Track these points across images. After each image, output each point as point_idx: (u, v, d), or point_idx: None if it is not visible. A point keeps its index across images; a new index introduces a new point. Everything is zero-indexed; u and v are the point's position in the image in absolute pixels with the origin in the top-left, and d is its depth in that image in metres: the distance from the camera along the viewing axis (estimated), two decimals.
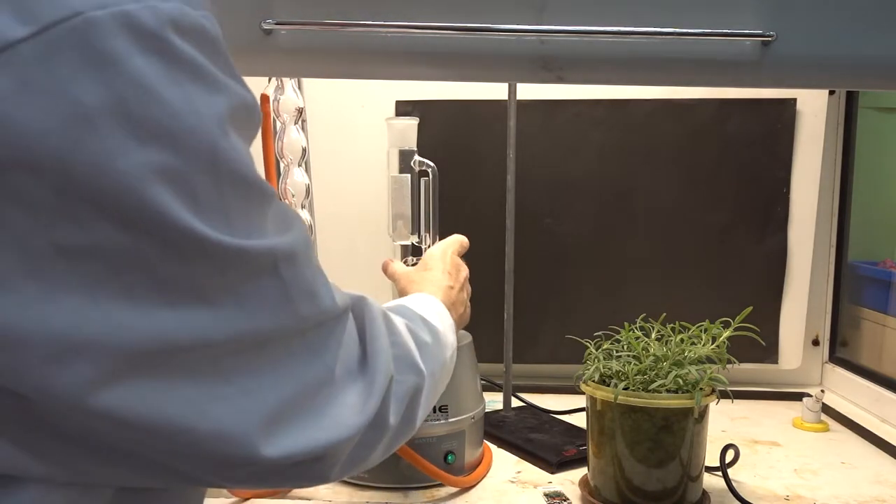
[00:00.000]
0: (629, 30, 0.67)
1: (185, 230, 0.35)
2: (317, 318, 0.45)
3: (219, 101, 0.37)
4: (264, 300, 0.41)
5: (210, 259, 0.37)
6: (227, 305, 0.38)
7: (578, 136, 1.29)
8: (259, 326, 0.40)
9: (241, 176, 0.38)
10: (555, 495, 0.90)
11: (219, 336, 0.38)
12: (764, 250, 1.30)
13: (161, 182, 0.34)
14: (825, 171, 1.30)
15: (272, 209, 0.43)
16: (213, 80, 0.37)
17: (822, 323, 1.35)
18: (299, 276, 0.43)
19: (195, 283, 0.37)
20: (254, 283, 0.40)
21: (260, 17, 0.67)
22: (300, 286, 0.43)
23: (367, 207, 1.27)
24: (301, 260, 0.43)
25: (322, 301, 0.46)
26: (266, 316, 0.41)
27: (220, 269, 0.38)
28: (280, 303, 0.42)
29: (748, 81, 0.74)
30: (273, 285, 0.41)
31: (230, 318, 0.39)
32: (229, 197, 0.38)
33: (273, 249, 0.41)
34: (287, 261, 0.42)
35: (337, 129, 1.28)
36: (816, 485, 0.95)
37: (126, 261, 0.35)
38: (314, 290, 0.45)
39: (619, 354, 0.87)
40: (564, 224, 1.30)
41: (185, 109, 0.35)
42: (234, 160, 0.38)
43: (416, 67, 0.73)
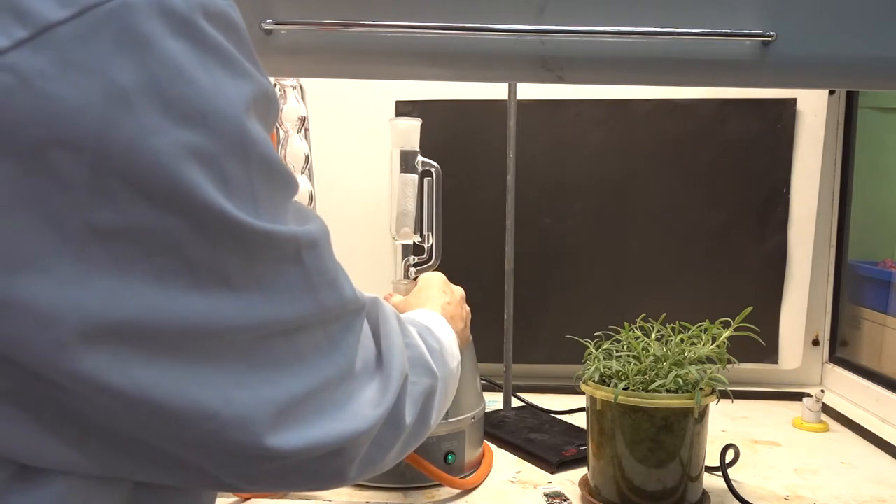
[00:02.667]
0: (629, 30, 0.67)
1: (216, 211, 0.36)
2: (339, 309, 0.45)
3: (244, 87, 0.38)
4: (288, 287, 0.41)
5: (238, 242, 0.37)
6: (253, 291, 0.39)
7: (578, 136, 1.29)
8: (283, 314, 0.41)
9: (268, 161, 0.39)
10: (555, 495, 0.90)
11: (244, 322, 0.39)
12: (764, 250, 1.30)
13: (193, 162, 0.35)
14: (825, 171, 1.30)
15: (294, 196, 0.44)
16: (239, 66, 0.38)
17: (822, 323, 1.35)
18: (321, 266, 0.44)
19: (223, 267, 0.37)
20: (278, 269, 0.40)
21: (260, 17, 0.67)
22: (322, 275, 0.43)
23: (367, 208, 1.28)
24: (323, 250, 0.44)
25: (344, 292, 0.46)
26: (289, 303, 0.41)
27: (247, 253, 0.38)
28: (303, 290, 0.42)
29: (748, 81, 0.74)
30: (296, 272, 0.41)
31: (255, 305, 0.39)
32: (257, 181, 0.38)
33: (297, 236, 0.41)
34: (310, 248, 0.42)
35: (337, 129, 1.28)
36: (816, 485, 0.95)
37: (158, 242, 0.35)
38: (336, 280, 0.45)
39: (619, 354, 0.87)
40: (564, 224, 1.30)
41: (215, 92, 0.36)
42: (262, 145, 0.38)
43: (416, 67, 0.73)
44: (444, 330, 0.68)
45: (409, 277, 1.00)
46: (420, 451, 0.87)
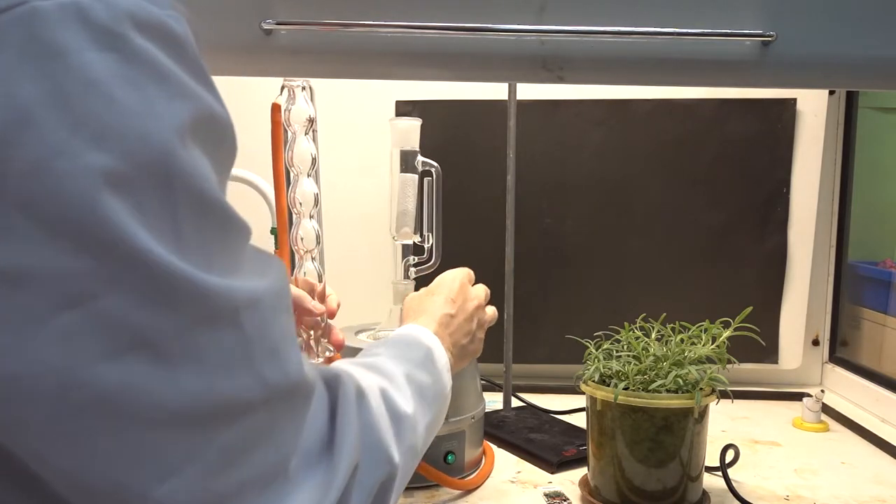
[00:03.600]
0: (629, 30, 0.67)
1: (137, 251, 0.31)
2: (284, 389, 0.39)
3: (181, 107, 0.33)
4: (222, 357, 0.34)
5: (164, 294, 0.32)
6: (180, 361, 0.33)
7: (578, 136, 1.29)
8: (216, 390, 0.34)
9: (199, 194, 0.34)
10: (555, 495, 0.90)
11: (170, 399, 0.32)
12: (764, 250, 1.30)
13: (109, 190, 0.30)
14: (825, 171, 1.30)
15: (241, 246, 0.38)
16: (178, 84, 0.33)
17: (822, 323, 1.35)
18: (264, 332, 0.37)
19: (140, 323, 0.31)
20: (209, 331, 0.34)
21: (260, 17, 0.67)
22: (263, 342, 0.37)
23: (367, 208, 1.28)
24: (269, 312, 0.38)
25: (290, 367, 0.39)
26: (224, 378, 0.34)
27: (175, 310, 0.32)
28: (240, 362, 0.35)
29: (748, 81, 0.74)
30: (232, 338, 0.35)
31: (183, 378, 0.33)
32: (183, 217, 0.33)
33: (233, 291, 0.35)
34: (251, 310, 0.36)
35: (337, 129, 1.28)
36: (816, 485, 0.95)
37: (65, 291, 0.30)
38: (281, 351, 0.38)
39: (619, 354, 0.87)
40: (564, 224, 1.30)
41: (139, 111, 0.31)
42: (193, 175, 0.33)
43: (416, 67, 0.73)
44: (430, 363, 0.61)
45: (409, 277, 1.00)
46: None
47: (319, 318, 0.72)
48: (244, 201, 1.17)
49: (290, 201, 0.72)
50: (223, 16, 0.68)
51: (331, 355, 0.73)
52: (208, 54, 0.71)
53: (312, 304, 0.71)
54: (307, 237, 0.72)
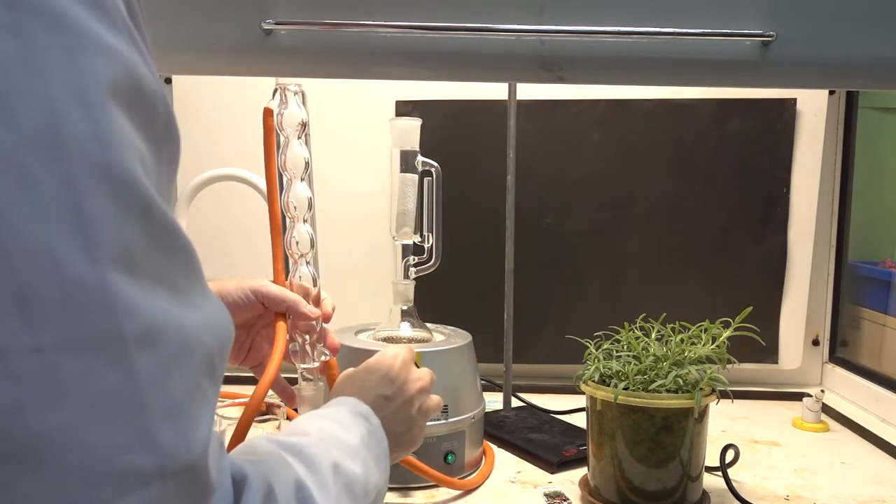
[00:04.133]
0: (629, 30, 0.67)
1: (9, 226, 0.26)
2: (182, 464, 0.30)
3: (84, 62, 0.28)
4: (96, 392, 0.27)
5: (23, 279, 0.26)
6: (36, 380, 0.26)
7: (578, 136, 1.29)
8: (82, 436, 0.27)
9: (107, 167, 0.28)
10: (555, 495, 0.90)
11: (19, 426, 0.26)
12: (764, 250, 1.30)
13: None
14: (825, 171, 1.30)
15: (173, 254, 0.31)
16: (84, 37, 0.28)
17: (822, 323, 1.35)
18: (167, 381, 0.29)
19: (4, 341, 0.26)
20: (84, 356, 0.27)
21: (260, 17, 0.67)
22: (164, 397, 0.29)
23: (367, 208, 1.28)
24: (180, 356, 0.30)
25: (194, 440, 0.31)
26: (97, 421, 0.27)
27: (42, 305, 0.26)
28: (124, 409, 0.28)
29: (748, 81, 0.74)
30: (117, 374, 0.28)
31: (37, 408, 0.26)
32: (82, 194, 0.27)
33: (138, 305, 0.28)
34: (154, 343, 0.29)
35: (337, 129, 1.28)
36: (816, 485, 0.95)
37: None
38: (185, 417, 0.30)
39: (619, 354, 0.87)
40: (564, 224, 1.30)
41: (20, 63, 0.26)
42: (97, 143, 0.27)
43: (416, 67, 0.73)
44: (365, 453, 0.54)
45: (409, 277, 1.00)
46: (420, 451, 0.88)
47: (314, 323, 0.72)
48: (244, 201, 1.17)
49: (284, 205, 0.72)
50: (223, 16, 0.68)
51: (326, 359, 0.73)
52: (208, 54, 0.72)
53: (308, 308, 0.70)
54: (301, 241, 0.72)
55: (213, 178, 1.11)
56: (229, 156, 1.15)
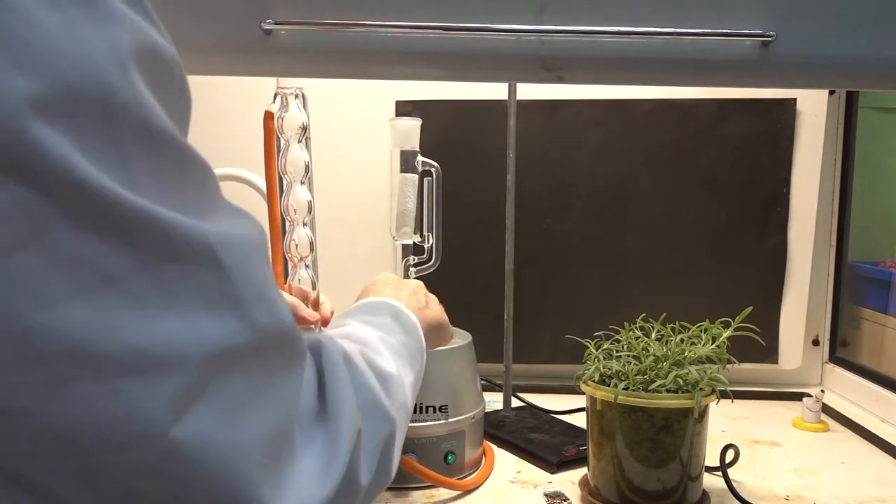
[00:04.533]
0: (629, 30, 0.67)
1: (74, 175, 0.28)
2: (279, 335, 0.37)
3: (116, 34, 0.30)
4: (204, 298, 0.32)
5: (113, 222, 0.29)
6: (154, 300, 0.30)
7: (578, 136, 1.29)
8: (198, 330, 0.32)
9: (146, 127, 0.31)
10: (555, 495, 0.90)
11: (147, 340, 0.30)
12: (764, 250, 1.30)
13: (37, 117, 0.27)
14: (825, 171, 1.30)
15: (205, 189, 0.35)
16: (110, 9, 0.30)
17: (822, 323, 1.35)
18: (248, 273, 0.34)
19: (100, 260, 0.29)
20: (182, 267, 0.31)
21: (260, 17, 0.67)
22: (250, 285, 0.34)
23: (367, 208, 1.28)
24: (249, 253, 0.35)
25: (281, 313, 0.37)
26: (210, 320, 0.32)
27: (130, 239, 0.30)
28: (226, 304, 0.33)
29: (748, 81, 0.74)
30: (213, 279, 0.33)
31: (160, 319, 0.30)
32: (131, 151, 0.30)
33: (202, 229, 0.32)
34: (227, 246, 0.33)
35: (337, 128, 1.28)
36: (816, 485, 0.95)
37: (4, 227, 0.27)
38: (269, 297, 0.36)
39: (619, 354, 0.87)
40: (564, 224, 1.30)
41: (64, 34, 0.28)
42: (136, 106, 0.30)
43: (416, 67, 0.73)
44: (404, 322, 0.61)
45: (409, 277, 1.00)
46: (420, 451, 0.88)
47: (313, 326, 0.72)
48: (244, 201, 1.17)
49: (284, 209, 0.72)
50: (223, 16, 0.68)
51: None
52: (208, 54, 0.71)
53: (306, 311, 0.70)
54: (301, 244, 0.72)
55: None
56: (229, 156, 1.15)
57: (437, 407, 0.90)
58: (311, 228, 0.73)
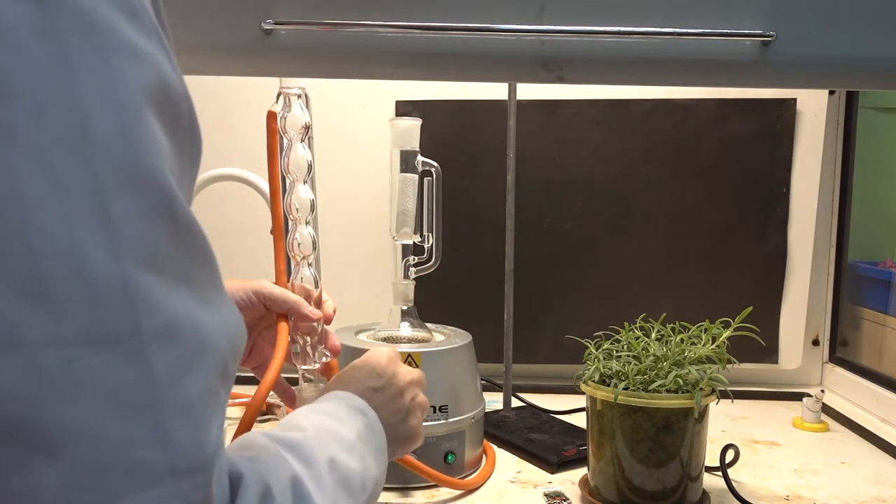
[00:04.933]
0: (629, 30, 0.67)
1: (20, 212, 0.26)
2: (195, 463, 0.31)
3: (116, 66, 0.29)
4: (113, 390, 0.28)
5: (47, 273, 0.27)
6: (57, 371, 0.27)
7: (578, 136, 1.29)
8: (98, 428, 0.28)
9: (135, 169, 0.29)
10: (555, 495, 0.90)
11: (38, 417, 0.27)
12: (764, 250, 1.30)
13: (11, 147, 0.26)
14: (825, 171, 1.30)
15: (197, 257, 0.32)
16: (111, 38, 0.29)
17: (822, 323, 1.35)
18: (182, 379, 0.30)
19: (11, 317, 0.27)
20: (102, 351, 0.28)
21: (260, 17, 0.67)
22: (178, 394, 0.30)
23: (367, 208, 1.28)
24: (194, 357, 0.31)
25: (206, 439, 0.31)
26: (113, 415, 0.28)
27: (59, 292, 0.27)
28: (138, 404, 0.29)
29: (748, 81, 0.74)
30: (134, 368, 0.28)
31: (56, 401, 0.27)
32: (110, 194, 0.28)
33: (157, 302, 0.29)
34: (170, 340, 0.29)
35: (337, 128, 1.28)
36: (816, 485, 0.95)
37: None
38: (198, 416, 0.31)
39: (619, 354, 0.87)
40: (564, 224, 1.30)
41: (53, 65, 0.27)
42: (127, 145, 0.28)
43: (416, 67, 0.73)
44: (369, 441, 0.54)
45: (409, 277, 1.00)
46: (420, 451, 0.87)
47: (316, 324, 0.72)
48: (245, 201, 1.17)
49: (287, 208, 0.73)
50: (223, 16, 0.68)
51: (327, 361, 0.73)
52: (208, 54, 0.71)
53: (309, 309, 0.70)
54: (304, 243, 0.72)
55: (213, 177, 1.11)
56: (230, 156, 1.15)
57: (437, 407, 0.90)
58: (313, 227, 0.74)
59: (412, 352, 0.91)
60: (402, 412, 0.61)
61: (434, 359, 0.91)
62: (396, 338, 0.97)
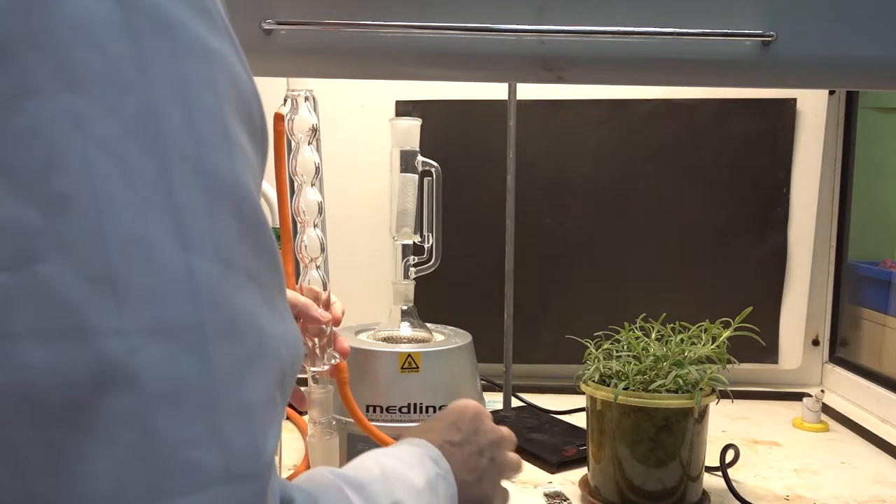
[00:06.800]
0: (629, 30, 0.67)
1: (94, 204, 0.27)
2: (250, 470, 0.29)
3: (189, 64, 0.29)
4: (171, 378, 0.27)
5: (111, 259, 0.27)
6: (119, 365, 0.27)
7: (578, 136, 1.29)
8: (152, 426, 0.27)
9: (203, 167, 0.29)
10: (555, 495, 0.90)
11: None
12: (764, 250, 1.30)
13: (79, 136, 0.27)
14: (825, 171, 1.30)
15: (268, 260, 0.32)
16: (186, 37, 0.30)
17: (822, 323, 1.35)
18: (243, 380, 0.29)
19: (74, 303, 0.27)
20: (162, 340, 0.27)
21: (260, 17, 0.67)
22: (237, 396, 0.29)
23: (367, 208, 1.27)
24: (256, 360, 0.30)
25: (263, 448, 0.30)
26: (167, 412, 0.27)
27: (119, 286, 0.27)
28: (198, 398, 0.28)
29: (748, 81, 0.74)
30: (194, 364, 0.28)
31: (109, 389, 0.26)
32: (181, 187, 0.28)
33: (220, 301, 0.29)
34: (230, 336, 0.29)
35: (337, 128, 1.28)
36: (816, 485, 0.95)
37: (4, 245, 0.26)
38: (257, 421, 0.30)
39: (619, 354, 0.87)
40: (564, 224, 1.30)
41: (130, 61, 0.28)
42: (194, 142, 0.29)
43: (416, 67, 0.73)
44: (431, 496, 0.50)
45: (409, 277, 1.00)
46: None
47: (324, 326, 0.72)
48: None
49: (294, 210, 0.73)
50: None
51: (336, 363, 0.73)
52: None
53: (318, 311, 0.70)
54: (311, 245, 0.72)
55: None
56: None
57: (437, 407, 0.90)
58: (321, 230, 0.74)
59: (412, 352, 0.91)
60: (477, 471, 0.58)
61: (434, 359, 0.91)
62: (396, 338, 0.97)
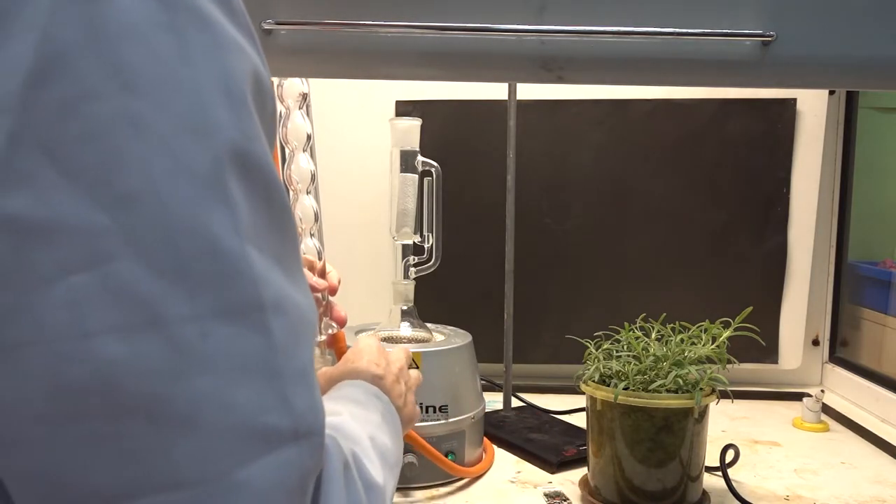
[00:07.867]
0: (629, 30, 0.67)
1: (157, 201, 0.28)
2: (314, 429, 0.33)
3: (226, 59, 0.31)
4: (243, 360, 0.30)
5: (182, 255, 0.29)
6: (190, 346, 0.29)
7: (578, 136, 1.29)
8: (227, 397, 0.30)
9: (245, 157, 0.31)
10: (555, 495, 0.90)
11: (174, 393, 0.28)
12: (764, 250, 1.30)
13: (137, 137, 0.28)
14: (825, 171, 1.30)
15: (288, 236, 0.34)
16: (222, 35, 0.31)
17: (822, 323, 1.35)
18: (297, 348, 0.32)
19: (154, 296, 0.28)
20: (231, 323, 0.30)
21: (260, 17, 0.67)
22: (295, 362, 0.32)
23: (367, 207, 1.28)
24: (301, 327, 0.33)
25: (320, 408, 0.34)
26: (240, 384, 0.30)
27: (195, 275, 0.29)
28: (264, 375, 0.31)
29: (748, 81, 0.74)
30: (258, 340, 0.31)
31: (193, 371, 0.29)
32: (229, 178, 0.30)
33: (271, 282, 0.31)
34: (282, 313, 0.32)
35: (337, 128, 1.28)
36: (816, 485, 0.95)
37: (75, 245, 0.27)
38: (313, 385, 0.33)
39: (619, 354, 0.87)
40: (564, 224, 1.30)
41: (177, 59, 0.29)
42: (236, 135, 0.31)
43: (416, 67, 0.73)
44: (391, 424, 0.57)
45: (409, 277, 1.00)
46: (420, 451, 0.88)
47: (321, 295, 0.71)
48: None
49: (286, 179, 0.72)
50: None
51: (334, 332, 0.73)
52: None
53: (314, 280, 0.70)
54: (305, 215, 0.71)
55: None
56: None
57: (437, 407, 0.90)
58: (315, 198, 0.73)
59: (412, 352, 0.91)
60: (402, 397, 0.64)
61: (434, 359, 0.91)
62: (396, 338, 0.97)
